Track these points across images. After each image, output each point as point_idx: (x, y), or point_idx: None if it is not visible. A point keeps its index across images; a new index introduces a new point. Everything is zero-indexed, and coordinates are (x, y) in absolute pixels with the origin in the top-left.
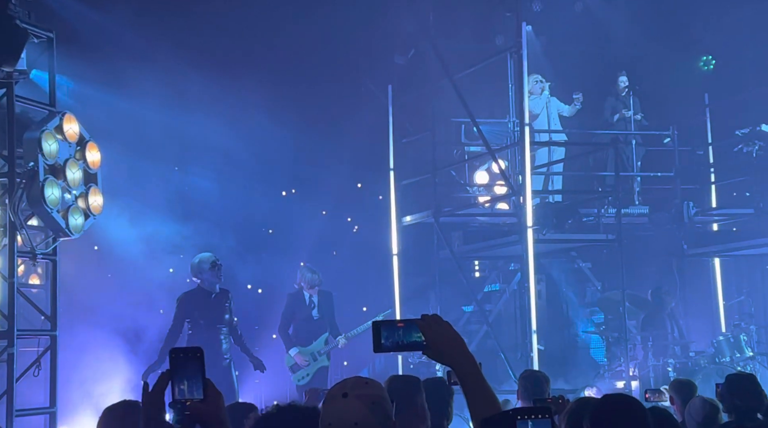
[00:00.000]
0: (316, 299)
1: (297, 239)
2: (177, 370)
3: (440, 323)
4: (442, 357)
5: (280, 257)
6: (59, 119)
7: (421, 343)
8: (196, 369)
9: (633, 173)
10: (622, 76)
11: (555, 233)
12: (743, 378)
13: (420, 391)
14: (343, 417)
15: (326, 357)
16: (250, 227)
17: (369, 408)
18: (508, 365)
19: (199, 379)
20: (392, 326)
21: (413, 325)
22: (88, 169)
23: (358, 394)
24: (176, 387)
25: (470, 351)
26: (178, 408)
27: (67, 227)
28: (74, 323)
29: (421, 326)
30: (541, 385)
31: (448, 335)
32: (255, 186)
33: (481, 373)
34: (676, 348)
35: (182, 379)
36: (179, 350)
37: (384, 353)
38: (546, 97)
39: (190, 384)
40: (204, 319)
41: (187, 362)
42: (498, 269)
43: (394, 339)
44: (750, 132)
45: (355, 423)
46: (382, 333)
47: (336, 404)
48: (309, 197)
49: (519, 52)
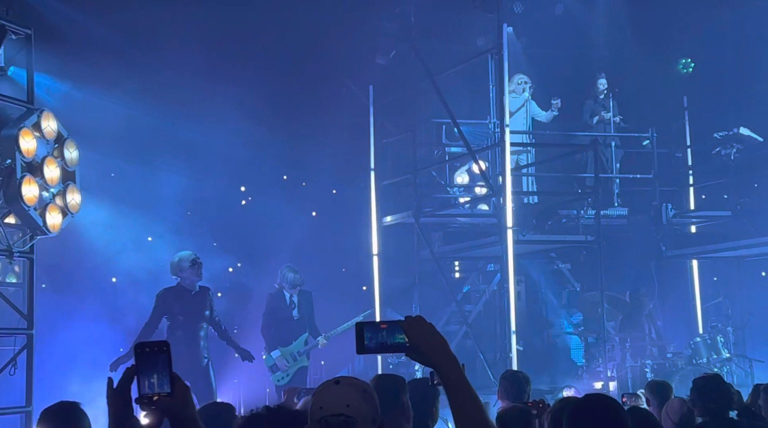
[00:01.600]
0: (296, 299)
1: (276, 239)
2: (143, 365)
3: (423, 324)
4: (425, 358)
5: (260, 258)
6: (37, 117)
7: (405, 344)
8: (163, 364)
9: (612, 175)
10: (602, 79)
11: (535, 234)
12: (710, 379)
13: (405, 390)
14: (335, 399)
15: (306, 357)
16: (228, 226)
17: (361, 394)
18: (487, 365)
19: (166, 373)
20: (375, 327)
21: (396, 326)
22: (66, 167)
23: (350, 382)
24: (142, 382)
25: (454, 354)
26: (144, 404)
27: (44, 225)
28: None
29: (405, 327)
30: (521, 385)
31: (432, 336)
32: (233, 185)
33: (464, 374)
34: (653, 349)
35: (149, 374)
36: (145, 344)
37: (367, 354)
38: (526, 98)
39: (157, 379)
40: (183, 316)
41: (154, 356)
42: (478, 270)
43: (378, 340)
44: (728, 135)
45: (347, 404)
46: (365, 334)
47: (328, 389)
48: (289, 197)
49: (500, 54)
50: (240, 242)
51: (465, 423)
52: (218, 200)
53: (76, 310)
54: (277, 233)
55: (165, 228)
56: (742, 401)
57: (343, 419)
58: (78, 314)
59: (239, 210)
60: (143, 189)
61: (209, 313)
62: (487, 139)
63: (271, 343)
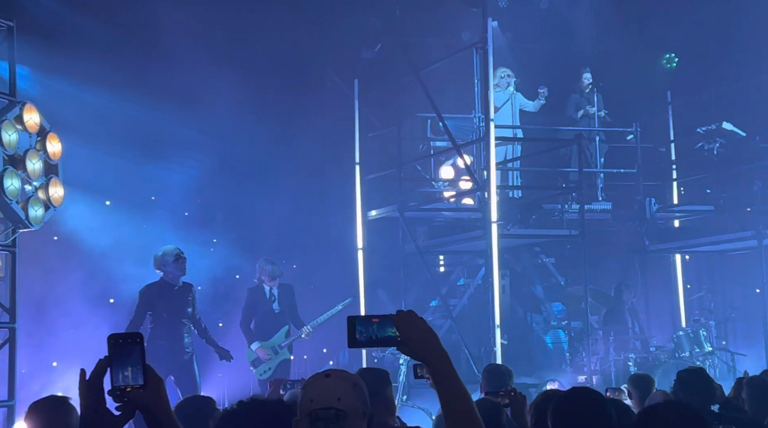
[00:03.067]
0: (276, 291)
1: (259, 232)
2: (116, 356)
3: (415, 319)
4: (416, 352)
5: (243, 250)
6: (19, 109)
7: (396, 338)
8: (137, 355)
9: (596, 169)
10: (586, 73)
11: (519, 228)
12: (693, 372)
13: (389, 384)
14: (326, 392)
15: (288, 350)
16: (212, 219)
17: (351, 387)
18: (471, 359)
19: (139, 365)
20: (367, 321)
21: (388, 321)
22: (48, 160)
23: (341, 375)
24: (115, 374)
25: (445, 349)
26: (117, 395)
27: (26, 219)
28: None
29: (396, 321)
30: (503, 379)
31: (423, 331)
32: (217, 178)
33: (454, 369)
34: (636, 343)
35: (122, 365)
36: (118, 335)
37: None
38: (510, 92)
39: (130, 371)
40: (167, 312)
41: (127, 348)
42: (462, 264)
43: (369, 334)
44: (711, 130)
45: (338, 398)
46: (356, 328)
47: (319, 382)
48: (273, 190)
49: (485, 48)
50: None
51: (455, 417)
52: (200, 193)
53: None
54: (260, 226)
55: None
56: (723, 394)
57: (334, 412)
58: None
59: (221, 203)
60: (127, 182)
61: (191, 309)
62: (472, 133)
63: (251, 337)
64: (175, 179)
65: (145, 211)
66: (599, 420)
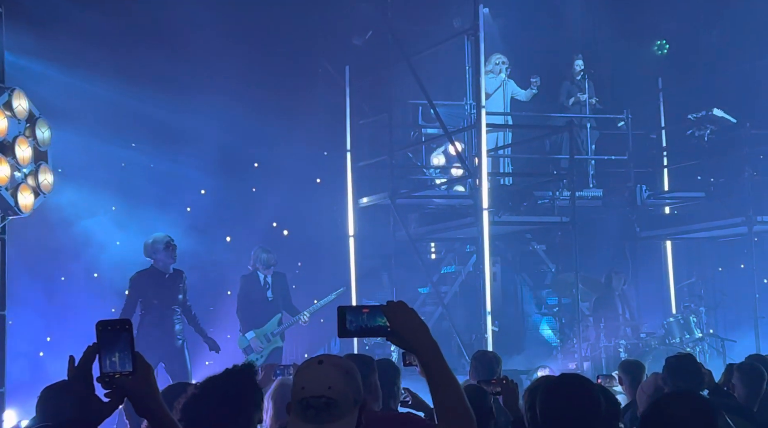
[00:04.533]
0: (270, 279)
1: (251, 219)
2: (105, 343)
3: (405, 309)
4: (406, 342)
5: (234, 237)
6: (8, 95)
7: (386, 328)
8: (125, 342)
9: (587, 156)
10: (578, 60)
11: (510, 215)
12: (682, 358)
13: (374, 370)
14: (317, 380)
15: (280, 337)
16: (203, 206)
17: (343, 375)
18: (462, 346)
19: (128, 352)
20: (357, 311)
21: (378, 311)
22: (38, 146)
23: (333, 362)
24: (104, 361)
25: (434, 339)
26: (106, 382)
27: (16, 206)
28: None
29: (386, 312)
30: (492, 366)
31: (413, 321)
32: (208, 166)
33: (444, 359)
34: (627, 330)
35: (110, 352)
36: (107, 322)
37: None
38: (503, 78)
39: (119, 357)
40: (158, 299)
41: (115, 334)
42: (454, 251)
43: (359, 324)
44: (702, 116)
45: (329, 386)
46: (347, 317)
47: (311, 369)
48: (263, 178)
49: (476, 35)
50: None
51: (444, 406)
52: (190, 181)
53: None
54: (251, 213)
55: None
56: (713, 380)
57: (325, 401)
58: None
59: (212, 191)
60: (118, 169)
61: (182, 297)
62: (463, 120)
63: (246, 325)
64: (164, 166)
65: (135, 198)
66: (588, 407)
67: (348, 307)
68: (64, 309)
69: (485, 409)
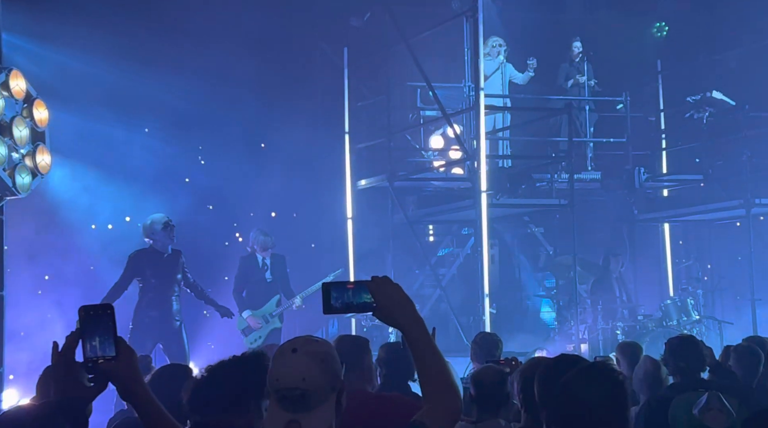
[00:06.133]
0: (269, 261)
1: (250, 202)
2: (87, 328)
3: (390, 284)
4: (391, 318)
5: (233, 220)
6: (5, 76)
7: (371, 304)
8: (107, 326)
9: (586, 138)
10: (577, 42)
11: (508, 197)
12: (683, 340)
13: (367, 352)
14: (291, 371)
15: (278, 318)
16: (201, 188)
17: (317, 364)
18: (460, 328)
19: (111, 336)
20: (342, 287)
21: (363, 286)
22: (35, 127)
23: (308, 350)
24: (87, 345)
25: (420, 315)
26: (89, 367)
27: (14, 186)
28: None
29: (371, 287)
30: (492, 348)
31: (398, 297)
32: (206, 147)
33: (430, 335)
34: (624, 312)
35: (93, 337)
36: (89, 307)
37: (334, 314)
38: (501, 61)
39: (102, 342)
40: (156, 279)
41: (98, 319)
42: (452, 234)
43: (344, 300)
44: (701, 99)
45: (303, 378)
46: (331, 294)
47: (285, 359)
48: (262, 160)
49: (475, 16)
50: (213, 204)
51: (430, 383)
52: (189, 163)
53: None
54: (249, 195)
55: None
56: (714, 358)
57: (299, 392)
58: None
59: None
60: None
61: (181, 276)
62: (461, 102)
63: (243, 305)
64: (160, 147)
65: (132, 179)
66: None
67: (333, 283)
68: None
69: (506, 391)
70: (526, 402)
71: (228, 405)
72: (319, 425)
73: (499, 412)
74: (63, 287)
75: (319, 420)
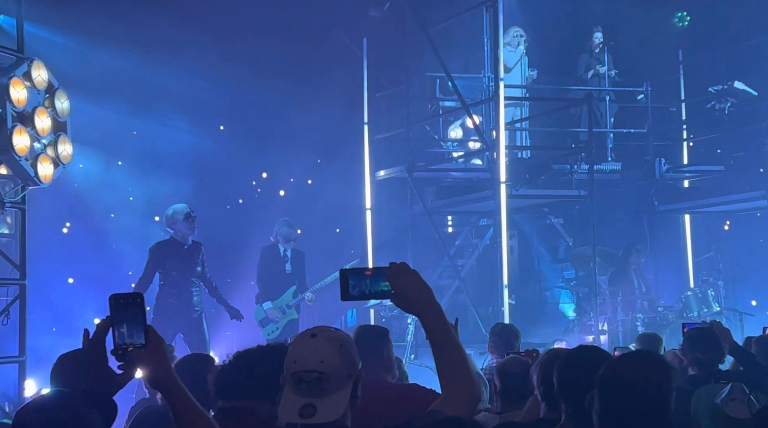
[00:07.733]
0: (290, 253)
1: (270, 193)
2: (117, 316)
3: (407, 271)
4: (409, 305)
5: (254, 211)
6: (27, 66)
7: (389, 291)
8: (137, 315)
9: (606, 129)
10: (597, 32)
11: (528, 188)
12: (702, 331)
13: (387, 342)
14: (309, 354)
15: (295, 310)
16: (222, 179)
17: (336, 349)
18: (479, 319)
19: (140, 325)
20: (359, 274)
21: (380, 273)
22: (57, 117)
23: (327, 336)
24: (117, 333)
25: (438, 302)
26: (119, 354)
27: (36, 176)
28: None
29: (388, 274)
30: (510, 339)
31: (415, 283)
32: (226, 138)
33: (448, 322)
34: (644, 303)
35: (123, 325)
36: (119, 296)
37: (352, 301)
38: (522, 52)
39: (131, 330)
40: (176, 270)
41: (128, 308)
42: (471, 225)
43: (361, 288)
44: (723, 89)
45: (321, 361)
46: (349, 281)
47: (304, 343)
48: (281, 151)
49: (495, 6)
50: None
51: (448, 370)
52: (211, 153)
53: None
54: (270, 186)
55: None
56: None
57: (316, 375)
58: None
59: (232, 164)
60: (137, 140)
61: (201, 268)
62: (481, 93)
63: (264, 296)
64: (182, 137)
65: (154, 169)
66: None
67: (350, 270)
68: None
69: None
70: (546, 393)
71: (254, 391)
72: (335, 410)
73: (523, 403)
74: (84, 278)
75: (335, 405)
